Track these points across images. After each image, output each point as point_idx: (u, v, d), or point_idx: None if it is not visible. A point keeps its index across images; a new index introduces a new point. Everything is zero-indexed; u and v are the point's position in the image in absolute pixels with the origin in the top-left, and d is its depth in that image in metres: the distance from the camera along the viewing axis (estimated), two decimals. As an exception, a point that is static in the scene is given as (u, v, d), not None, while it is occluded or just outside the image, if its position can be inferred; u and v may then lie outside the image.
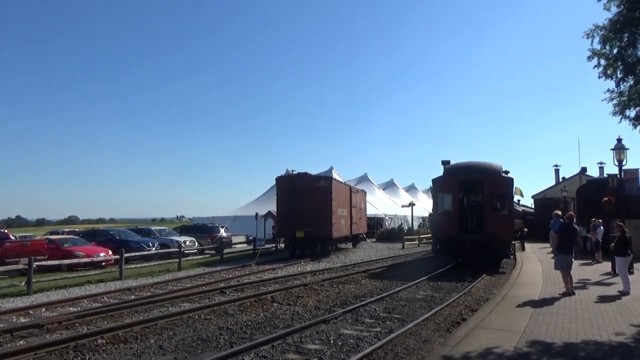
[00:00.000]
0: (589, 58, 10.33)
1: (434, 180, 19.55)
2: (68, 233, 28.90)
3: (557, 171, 55.42)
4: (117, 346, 7.81)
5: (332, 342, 7.84)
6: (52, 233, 33.14)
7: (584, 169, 49.77)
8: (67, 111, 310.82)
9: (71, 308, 11.42)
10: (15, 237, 24.04)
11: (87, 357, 7.23)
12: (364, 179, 52.44)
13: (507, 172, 19.03)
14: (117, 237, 24.84)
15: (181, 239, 26.62)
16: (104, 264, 19.60)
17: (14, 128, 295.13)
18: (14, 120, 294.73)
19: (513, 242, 21.78)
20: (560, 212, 16.57)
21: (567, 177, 51.98)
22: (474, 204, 18.93)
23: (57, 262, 17.07)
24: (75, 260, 18.65)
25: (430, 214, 24.42)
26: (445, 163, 20.29)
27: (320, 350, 7.34)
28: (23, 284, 14.09)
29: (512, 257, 19.59)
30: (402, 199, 51.48)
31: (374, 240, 38.69)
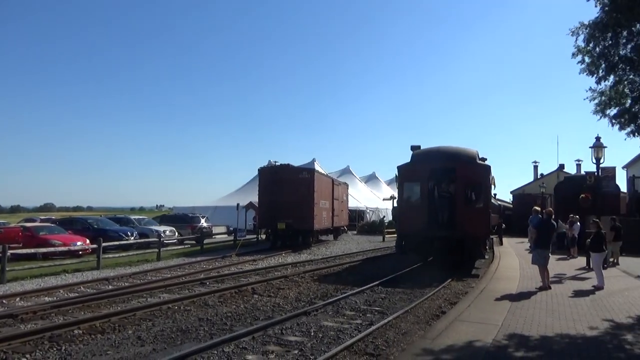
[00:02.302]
0: (574, 55, 10.46)
1: (399, 168, 16.97)
2: (44, 221, 28.29)
3: (535, 167, 56.62)
4: (94, 337, 7.67)
5: (312, 334, 7.83)
6: (27, 220, 32.50)
7: (561, 166, 50.90)
8: (37, 94, 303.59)
9: (46, 298, 11.20)
10: (-11, 224, 23.42)
11: (63, 347, 7.08)
12: (346, 171, 52.56)
13: (484, 160, 16.80)
14: (95, 226, 24.41)
15: (161, 228, 26.32)
16: (81, 253, 19.27)
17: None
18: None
19: (491, 237, 21.78)
20: (539, 208, 16.81)
21: (545, 173, 53.11)
22: (445, 195, 16.68)
23: (32, 250, 16.69)
24: (52, 249, 18.21)
25: (394, 207, 21.51)
26: (415, 148, 17.49)
27: (300, 342, 7.33)
28: (-4, 272, 13.75)
29: (487, 257, 17.78)
30: (383, 192, 51.76)
31: (355, 232, 38.86)
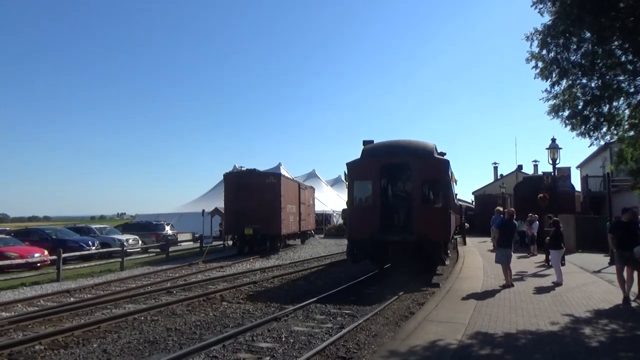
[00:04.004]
0: (528, 60, 10.86)
1: (349, 165, 14.99)
2: (-2, 232, 27.00)
3: (495, 168, 58.49)
4: (57, 352, 7.41)
5: (284, 339, 7.82)
6: (-21, 232, 30.93)
7: (520, 167, 52.65)
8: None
9: (4, 313, 10.70)
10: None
11: (24, 364, 6.82)
12: (312, 175, 52.62)
13: (442, 154, 15.22)
14: (54, 237, 23.53)
15: (123, 237, 25.60)
16: (39, 265, 18.53)
17: None
18: None
19: (455, 237, 22.12)
20: (501, 209, 17.34)
21: (505, 174, 54.84)
22: (401, 194, 14.89)
23: (-14, 263, 15.95)
24: (7, 262, 17.44)
25: (344, 209, 18.81)
26: (367, 143, 15.74)
27: (272, 349, 7.31)
28: (-52, 288, 13.07)
29: (447, 262, 15.74)
30: (349, 195, 52.02)
31: (322, 236, 38.94)
